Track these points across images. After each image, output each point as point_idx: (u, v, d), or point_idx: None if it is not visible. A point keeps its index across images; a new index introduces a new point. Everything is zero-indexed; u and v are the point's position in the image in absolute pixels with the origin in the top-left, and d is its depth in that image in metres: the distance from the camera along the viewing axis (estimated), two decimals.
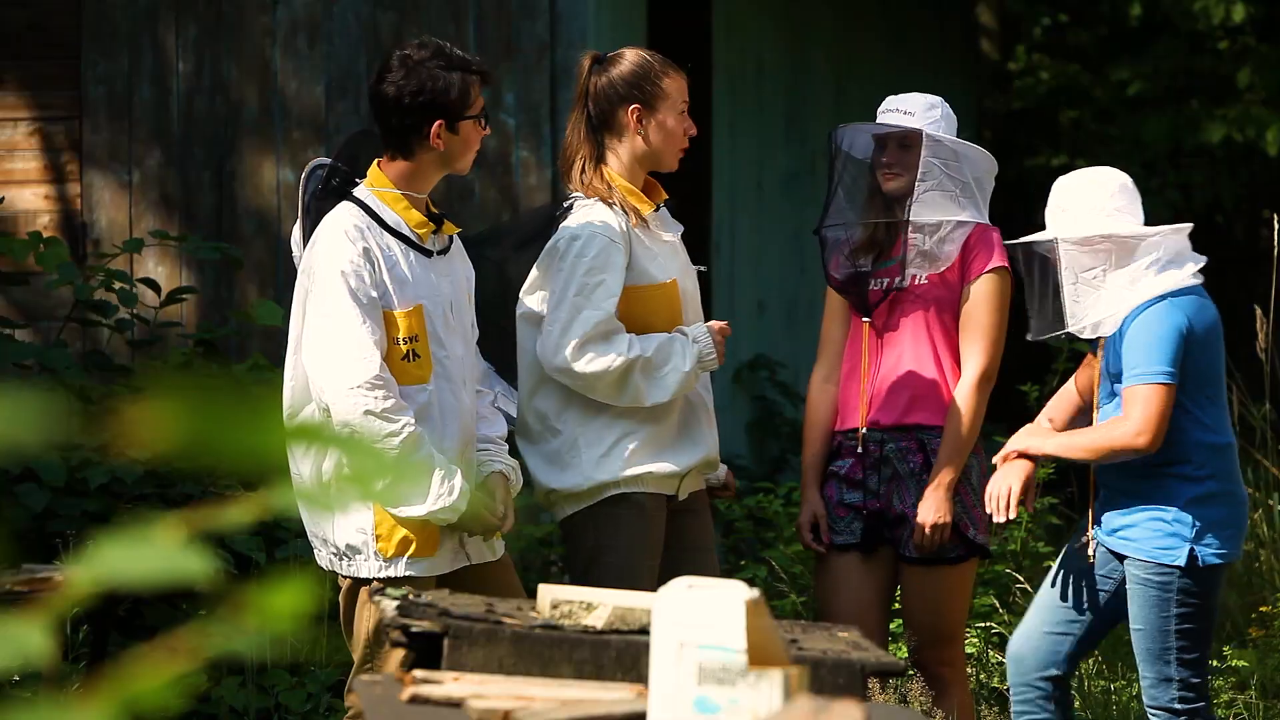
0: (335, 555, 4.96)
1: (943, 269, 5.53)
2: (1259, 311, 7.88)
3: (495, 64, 8.61)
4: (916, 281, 5.54)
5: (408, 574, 4.89)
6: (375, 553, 4.90)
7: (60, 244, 7.76)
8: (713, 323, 5.32)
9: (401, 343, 4.86)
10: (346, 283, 4.81)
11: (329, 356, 4.80)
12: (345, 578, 4.97)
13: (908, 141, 5.53)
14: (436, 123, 4.89)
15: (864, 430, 5.55)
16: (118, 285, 7.60)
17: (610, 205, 5.24)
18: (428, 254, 4.97)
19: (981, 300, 5.52)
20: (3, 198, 8.76)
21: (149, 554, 1.50)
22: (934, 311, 5.54)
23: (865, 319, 5.58)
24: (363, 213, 4.92)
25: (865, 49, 12.24)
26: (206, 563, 1.52)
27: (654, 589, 4.50)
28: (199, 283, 8.78)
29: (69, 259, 7.78)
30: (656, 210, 5.34)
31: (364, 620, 4.92)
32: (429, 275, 4.95)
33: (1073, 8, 16.58)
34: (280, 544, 6.87)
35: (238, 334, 8.26)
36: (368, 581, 4.88)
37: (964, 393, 5.51)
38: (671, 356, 5.21)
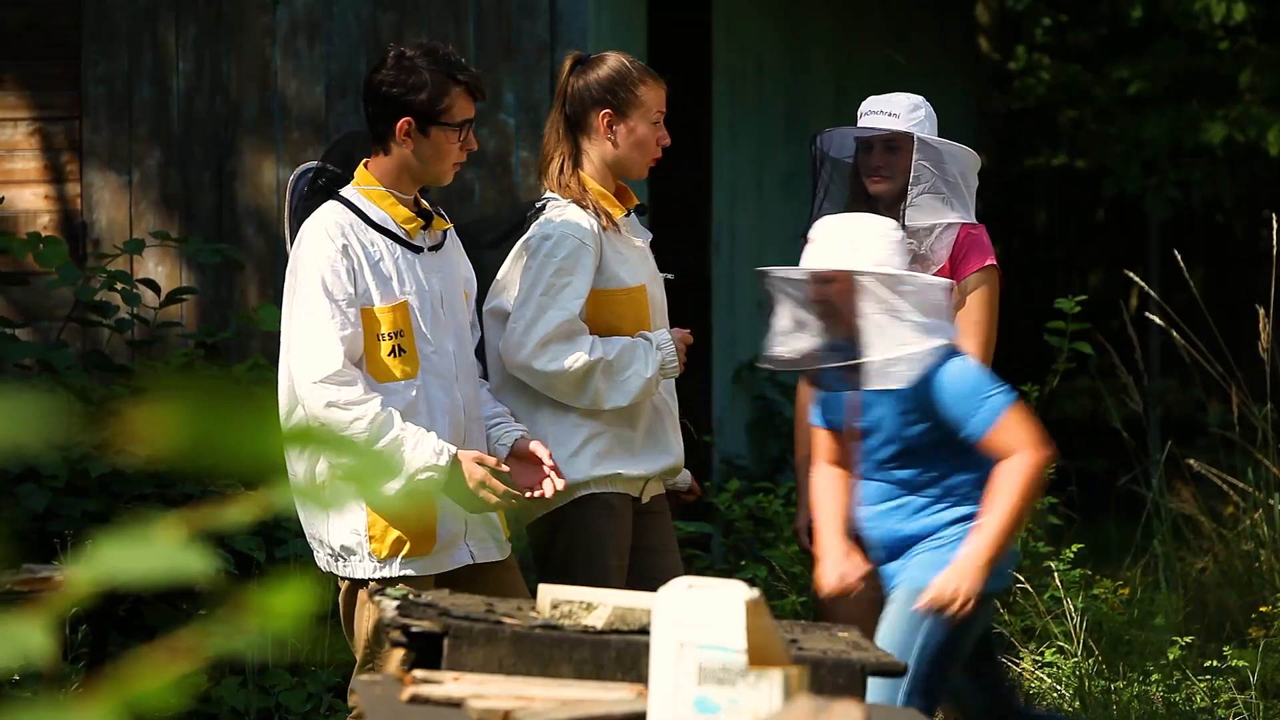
0: (331, 556, 4.98)
1: (934, 270, 5.54)
2: (1261, 311, 7.88)
3: (495, 64, 8.61)
4: None
5: (404, 574, 4.89)
6: (369, 553, 4.91)
7: (60, 244, 7.76)
8: (676, 330, 5.31)
9: (385, 338, 4.89)
10: (321, 278, 4.84)
11: (298, 352, 4.86)
12: (343, 579, 4.98)
13: (894, 144, 5.53)
14: (404, 120, 4.91)
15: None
16: (119, 286, 7.60)
17: (584, 207, 5.26)
18: (416, 250, 4.99)
19: (974, 300, 5.53)
20: (3, 198, 8.76)
21: (149, 553, 1.50)
22: None
23: None
24: (346, 210, 4.95)
25: (865, 49, 12.24)
26: (207, 562, 1.52)
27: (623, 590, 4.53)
28: (199, 283, 8.78)
29: (69, 259, 7.78)
30: (627, 215, 5.35)
31: (364, 621, 4.93)
32: (416, 271, 4.97)
33: (1073, 8, 16.58)
34: (280, 544, 6.87)
35: (237, 335, 8.26)
36: (365, 583, 4.90)
37: None
38: (634, 361, 5.22)
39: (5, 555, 6.00)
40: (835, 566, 5.10)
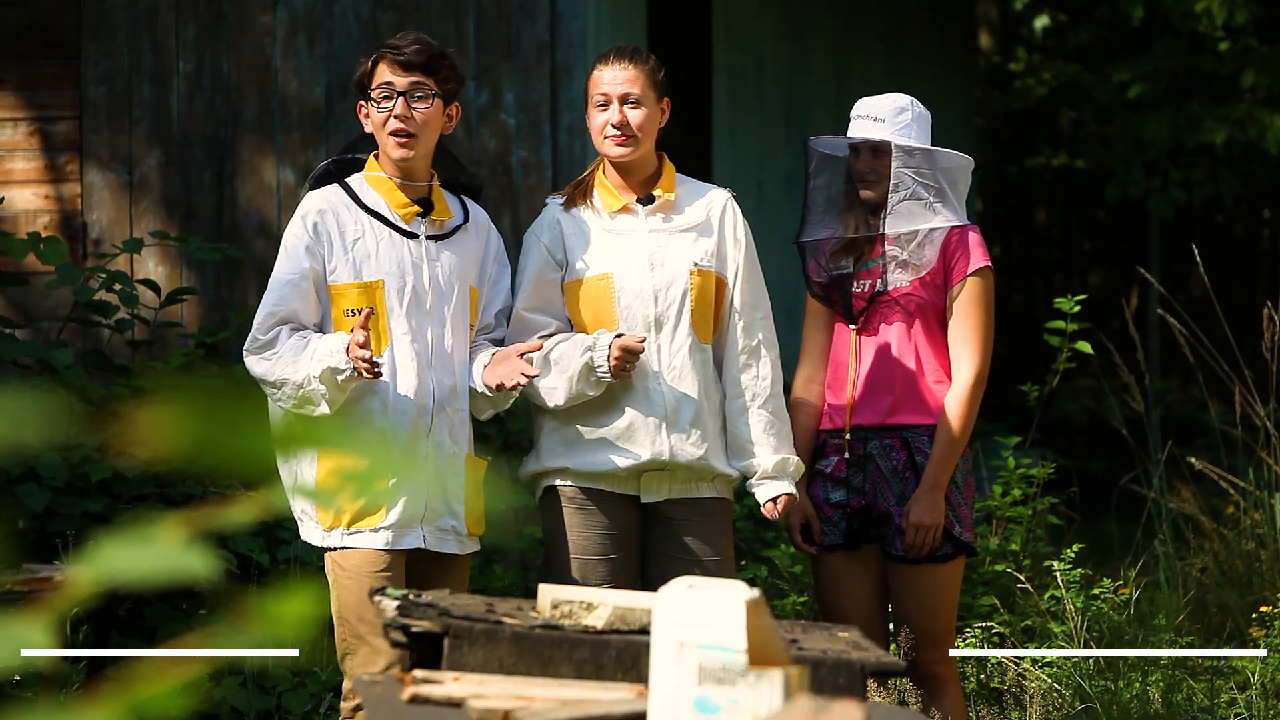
0: (296, 518, 5.19)
1: (924, 274, 5.54)
2: (1268, 311, 7.87)
3: (495, 64, 8.61)
4: (898, 286, 5.55)
5: (346, 544, 4.99)
6: (316, 521, 5.04)
7: (60, 243, 7.76)
8: (625, 336, 5.15)
9: (348, 314, 5.04)
10: (280, 254, 5.11)
11: None
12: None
13: (880, 149, 5.52)
14: (359, 103, 5.20)
15: (849, 436, 5.56)
16: (118, 286, 7.60)
17: (560, 196, 5.37)
18: (410, 236, 5.06)
19: (969, 303, 5.53)
20: (3, 198, 8.76)
21: (151, 553, 1.50)
22: (917, 313, 5.56)
23: (851, 325, 5.59)
24: (339, 191, 5.14)
25: (865, 49, 12.24)
26: (210, 562, 1.52)
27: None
28: (199, 283, 8.78)
29: (68, 258, 7.78)
30: (649, 201, 5.33)
31: (335, 596, 5.03)
32: (403, 255, 5.09)
33: (1073, 8, 16.59)
34: (282, 544, 6.87)
35: (238, 335, 8.26)
36: (323, 550, 5.09)
37: (958, 397, 5.51)
38: (570, 362, 5.20)
39: (5, 555, 6.00)
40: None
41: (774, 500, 5.39)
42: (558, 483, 5.31)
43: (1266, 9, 13.85)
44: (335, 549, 5.03)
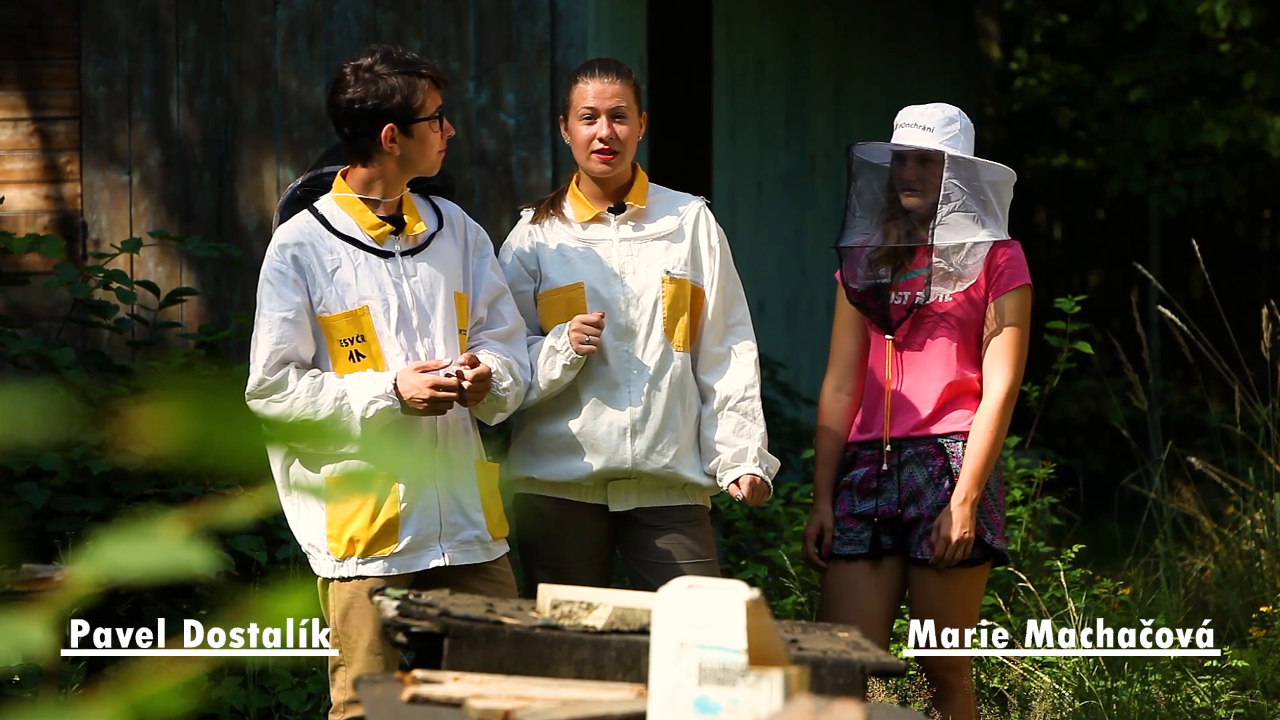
0: (305, 551, 5.11)
1: (965, 287, 5.51)
2: (1267, 311, 7.87)
3: (495, 64, 8.61)
4: (940, 300, 5.52)
5: (360, 573, 4.96)
6: (328, 552, 4.99)
7: (56, 239, 7.76)
8: (589, 315, 5.24)
9: (343, 344, 5.01)
10: (263, 293, 5.03)
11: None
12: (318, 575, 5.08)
13: (930, 158, 5.50)
14: (387, 127, 5.02)
15: (888, 447, 5.52)
16: (115, 285, 7.60)
17: (530, 209, 5.43)
18: (385, 255, 5.04)
19: (1009, 319, 5.51)
20: (3, 198, 8.76)
21: (153, 549, 1.50)
22: (957, 326, 5.52)
23: (888, 336, 5.54)
24: (311, 220, 5.09)
25: (865, 49, 12.23)
26: (210, 559, 1.52)
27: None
28: (199, 283, 8.78)
29: (64, 256, 7.78)
30: (619, 210, 5.35)
31: (332, 617, 5.00)
32: (383, 276, 5.05)
33: (1073, 9, 16.59)
34: (280, 544, 6.87)
35: (238, 335, 8.27)
36: (331, 579, 5.03)
37: (990, 410, 5.49)
38: (540, 362, 5.25)
39: (5, 555, 6.00)
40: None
41: (736, 482, 5.33)
42: (526, 492, 5.34)
43: (1268, 10, 13.85)
44: (349, 579, 5.00)
